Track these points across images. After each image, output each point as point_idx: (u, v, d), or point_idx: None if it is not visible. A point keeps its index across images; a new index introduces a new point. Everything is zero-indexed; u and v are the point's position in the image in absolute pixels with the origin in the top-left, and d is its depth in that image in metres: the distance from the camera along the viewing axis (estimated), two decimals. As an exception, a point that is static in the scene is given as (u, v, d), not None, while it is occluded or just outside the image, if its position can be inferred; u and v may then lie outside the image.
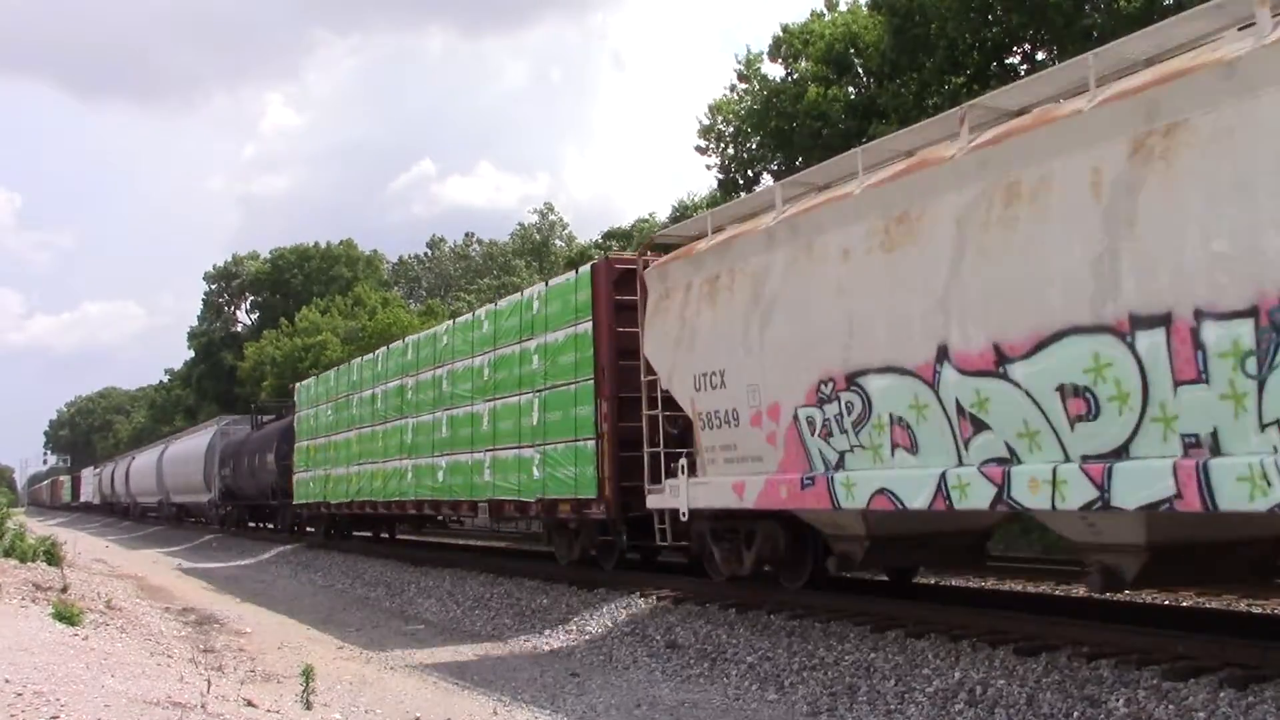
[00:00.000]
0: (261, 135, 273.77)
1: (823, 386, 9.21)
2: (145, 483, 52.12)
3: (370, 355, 22.53)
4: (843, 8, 28.54)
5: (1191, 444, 6.34)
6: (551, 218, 69.51)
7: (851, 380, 8.89)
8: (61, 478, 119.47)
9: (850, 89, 26.86)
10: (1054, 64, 21.70)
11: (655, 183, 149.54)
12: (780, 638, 9.97)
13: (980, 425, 7.75)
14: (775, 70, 29.37)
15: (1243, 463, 6.03)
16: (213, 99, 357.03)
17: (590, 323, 13.40)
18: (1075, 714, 7.01)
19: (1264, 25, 6.18)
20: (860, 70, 26.93)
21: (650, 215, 48.21)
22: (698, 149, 30.80)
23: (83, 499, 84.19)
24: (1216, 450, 6.22)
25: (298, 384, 28.41)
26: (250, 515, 36.07)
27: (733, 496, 10.45)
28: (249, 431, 36.09)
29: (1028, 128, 7.64)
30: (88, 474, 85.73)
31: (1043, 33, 21.89)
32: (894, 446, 8.55)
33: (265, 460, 30.68)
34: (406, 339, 20.59)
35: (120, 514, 62.35)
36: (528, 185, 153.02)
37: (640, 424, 12.27)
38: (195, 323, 79.02)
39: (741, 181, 29.86)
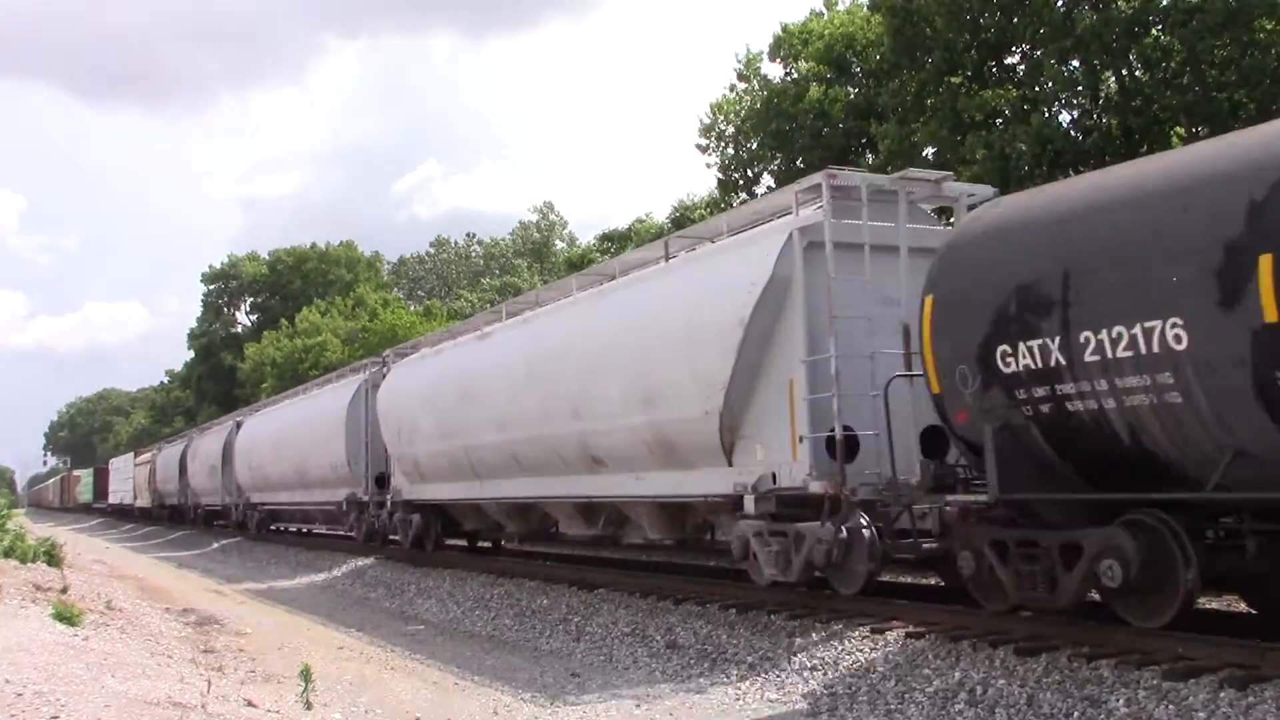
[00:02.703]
0: (267, 137, 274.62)
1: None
2: (289, 466, 26.22)
3: None
4: (841, 7, 28.56)
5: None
6: (552, 217, 69.57)
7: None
8: (77, 472, 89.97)
9: (850, 89, 26.86)
10: (1052, 64, 21.74)
11: (654, 183, 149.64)
12: (780, 638, 9.96)
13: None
14: (775, 70, 29.41)
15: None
16: (219, 102, 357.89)
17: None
18: (1075, 714, 7.01)
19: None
20: (860, 70, 26.93)
21: (648, 215, 48.23)
22: (698, 148, 30.86)
23: (112, 500, 61.54)
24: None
25: None
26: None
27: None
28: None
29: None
30: (121, 464, 61.63)
31: (1041, 33, 21.89)
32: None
33: None
34: None
35: (204, 524, 38.57)
36: (529, 185, 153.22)
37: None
38: (196, 324, 79.24)
39: (741, 181, 29.90)
